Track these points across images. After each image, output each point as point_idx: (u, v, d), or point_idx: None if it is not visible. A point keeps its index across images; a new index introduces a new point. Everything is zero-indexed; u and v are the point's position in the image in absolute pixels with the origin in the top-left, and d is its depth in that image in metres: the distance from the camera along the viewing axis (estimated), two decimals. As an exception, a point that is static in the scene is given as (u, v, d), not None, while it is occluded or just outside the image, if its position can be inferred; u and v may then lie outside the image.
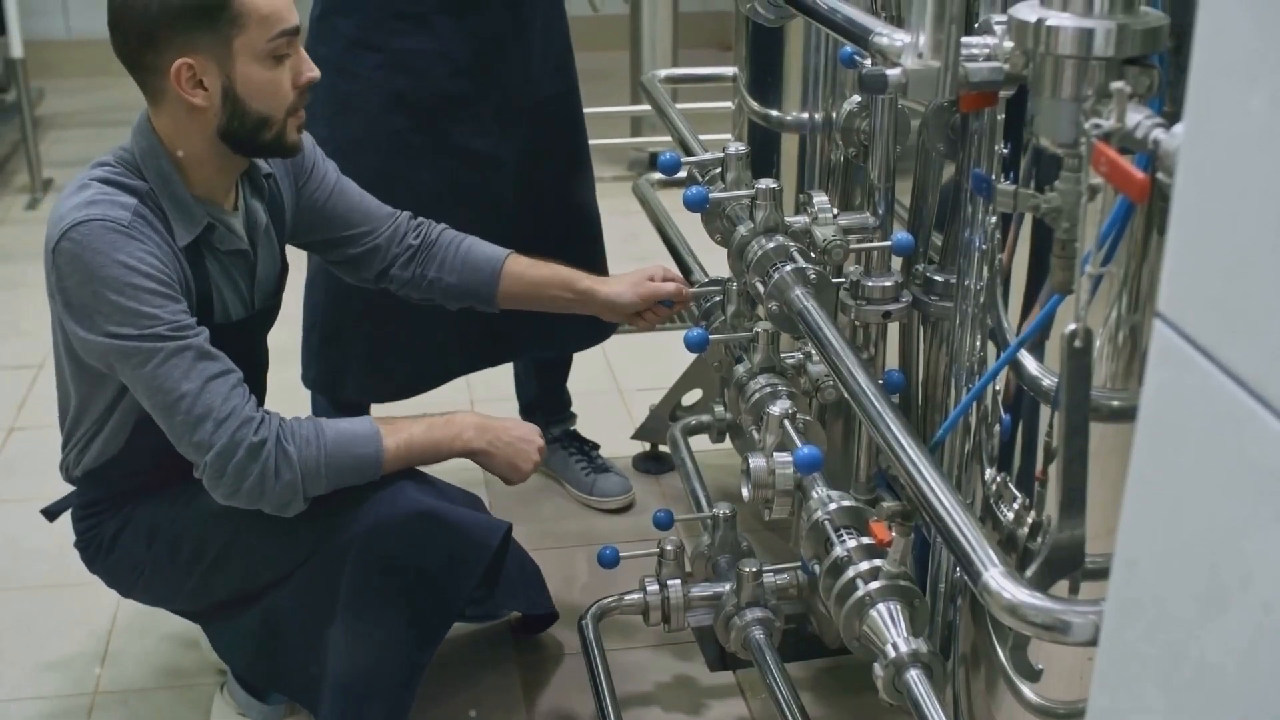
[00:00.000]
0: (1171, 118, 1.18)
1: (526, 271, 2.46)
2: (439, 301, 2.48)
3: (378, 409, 2.84)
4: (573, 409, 3.30)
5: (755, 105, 2.53)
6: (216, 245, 2.14)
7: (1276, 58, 0.84)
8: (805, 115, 2.43)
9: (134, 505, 2.23)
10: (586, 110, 2.98)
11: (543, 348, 3.08)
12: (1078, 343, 1.23)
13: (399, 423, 2.17)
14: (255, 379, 2.28)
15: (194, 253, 2.10)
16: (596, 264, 3.00)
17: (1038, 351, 1.58)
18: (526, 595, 2.57)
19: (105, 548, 2.25)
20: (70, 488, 2.32)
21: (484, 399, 3.55)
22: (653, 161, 5.15)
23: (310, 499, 2.07)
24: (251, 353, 2.25)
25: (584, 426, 3.31)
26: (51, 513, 2.38)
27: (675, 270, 2.52)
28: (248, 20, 2.00)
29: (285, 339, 2.56)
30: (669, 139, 2.91)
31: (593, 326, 2.73)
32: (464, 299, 2.48)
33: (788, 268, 2.02)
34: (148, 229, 2.02)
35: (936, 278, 2.13)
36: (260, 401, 2.16)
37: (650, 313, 2.46)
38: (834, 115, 2.32)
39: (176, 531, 2.20)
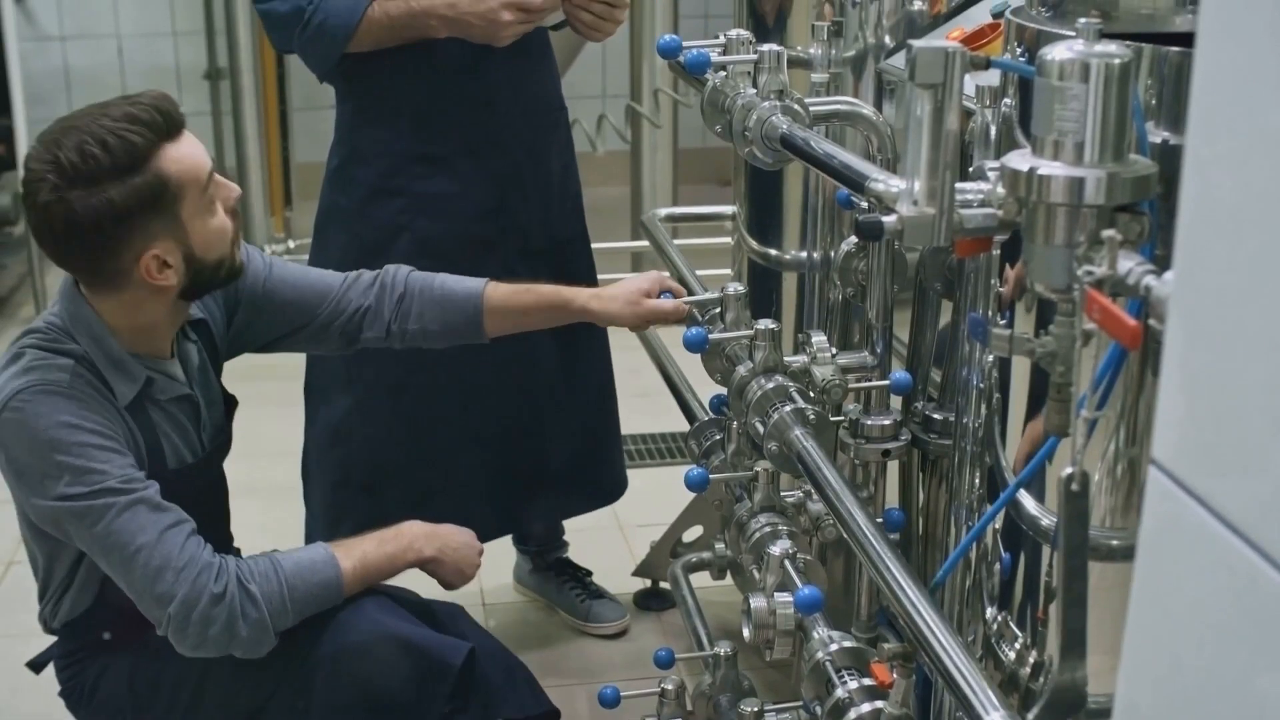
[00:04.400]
0: (1163, 261, 1.20)
1: (511, 299, 2.40)
2: (426, 346, 2.45)
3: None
4: (565, 537, 3.30)
5: (754, 244, 2.56)
6: (158, 396, 2.14)
7: (1261, 207, 0.86)
8: (804, 254, 2.47)
9: (112, 653, 2.22)
10: (594, 245, 3.02)
11: (561, 513, 3.11)
12: (1075, 486, 1.24)
13: (349, 543, 2.18)
14: (218, 512, 2.30)
15: (136, 407, 2.10)
16: (608, 414, 3.03)
17: (1037, 490, 1.59)
18: (518, 700, 2.53)
19: (87, 695, 2.24)
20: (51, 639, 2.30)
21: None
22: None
23: (279, 634, 2.06)
24: (210, 489, 2.27)
25: (585, 562, 3.31)
26: (37, 665, 2.37)
27: (671, 281, 2.44)
28: (184, 186, 2.02)
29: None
30: (669, 275, 2.95)
31: (608, 486, 2.74)
32: (451, 340, 2.44)
33: (787, 408, 2.04)
34: (87, 389, 2.03)
35: (935, 415, 2.14)
36: (228, 527, 2.17)
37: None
38: (832, 255, 2.35)
39: (154, 674, 2.18)
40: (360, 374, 2.80)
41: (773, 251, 2.52)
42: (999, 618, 1.68)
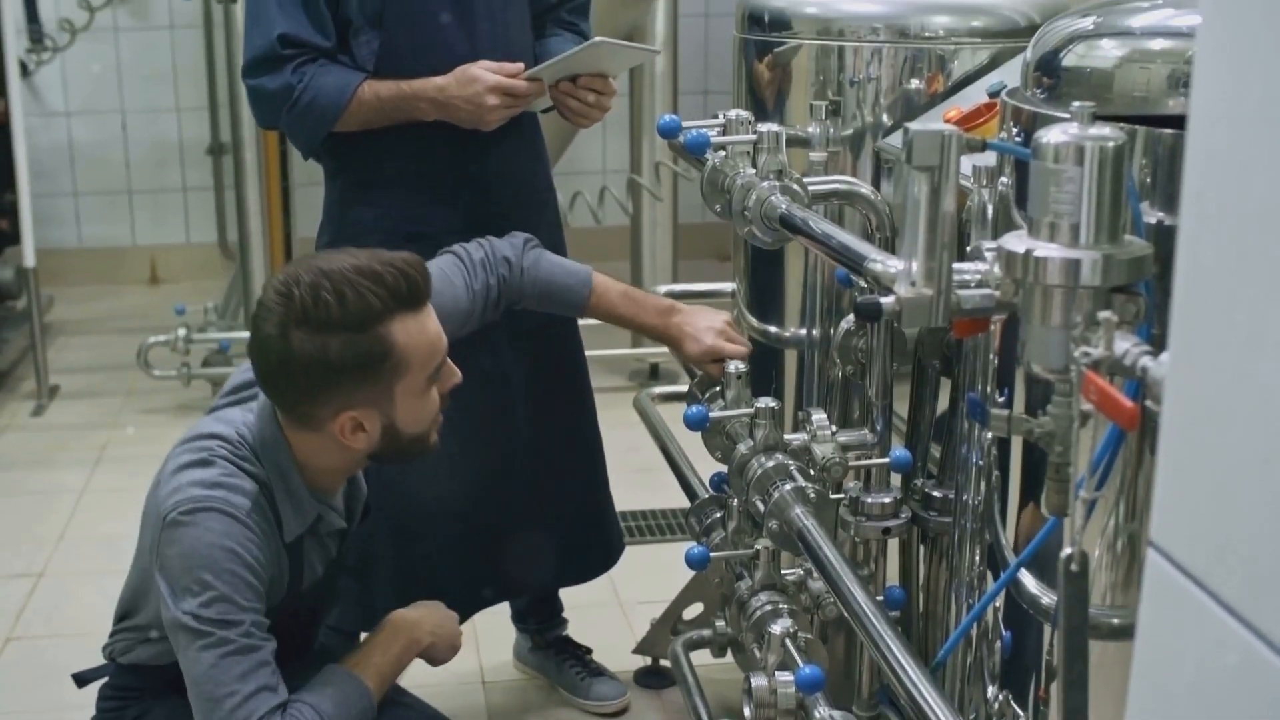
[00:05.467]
0: (1160, 341, 1.21)
1: (609, 311, 2.52)
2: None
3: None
4: (564, 614, 3.29)
5: (754, 321, 2.57)
6: (319, 530, 2.16)
7: (1254, 288, 0.86)
8: (804, 332, 2.48)
9: (156, 699, 2.20)
10: (588, 321, 3.03)
11: (555, 581, 3.11)
12: (1074, 566, 1.24)
13: (359, 658, 2.17)
14: (322, 611, 2.35)
15: (296, 540, 2.11)
16: (598, 483, 3.03)
17: (1037, 568, 1.59)
18: None
19: None
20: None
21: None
22: (653, 372, 5.21)
23: None
24: (326, 595, 2.30)
25: (585, 640, 3.29)
26: (82, 679, 2.34)
27: (738, 334, 2.50)
28: (410, 364, 2.00)
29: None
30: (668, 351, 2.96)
31: (602, 554, 2.73)
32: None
33: (787, 486, 2.04)
34: (262, 522, 2.01)
35: (935, 493, 2.15)
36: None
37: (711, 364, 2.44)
38: (832, 332, 2.36)
39: None
40: None
41: (772, 329, 2.53)
42: (1000, 697, 1.68)
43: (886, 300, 1.40)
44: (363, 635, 2.39)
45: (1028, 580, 1.60)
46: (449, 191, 2.75)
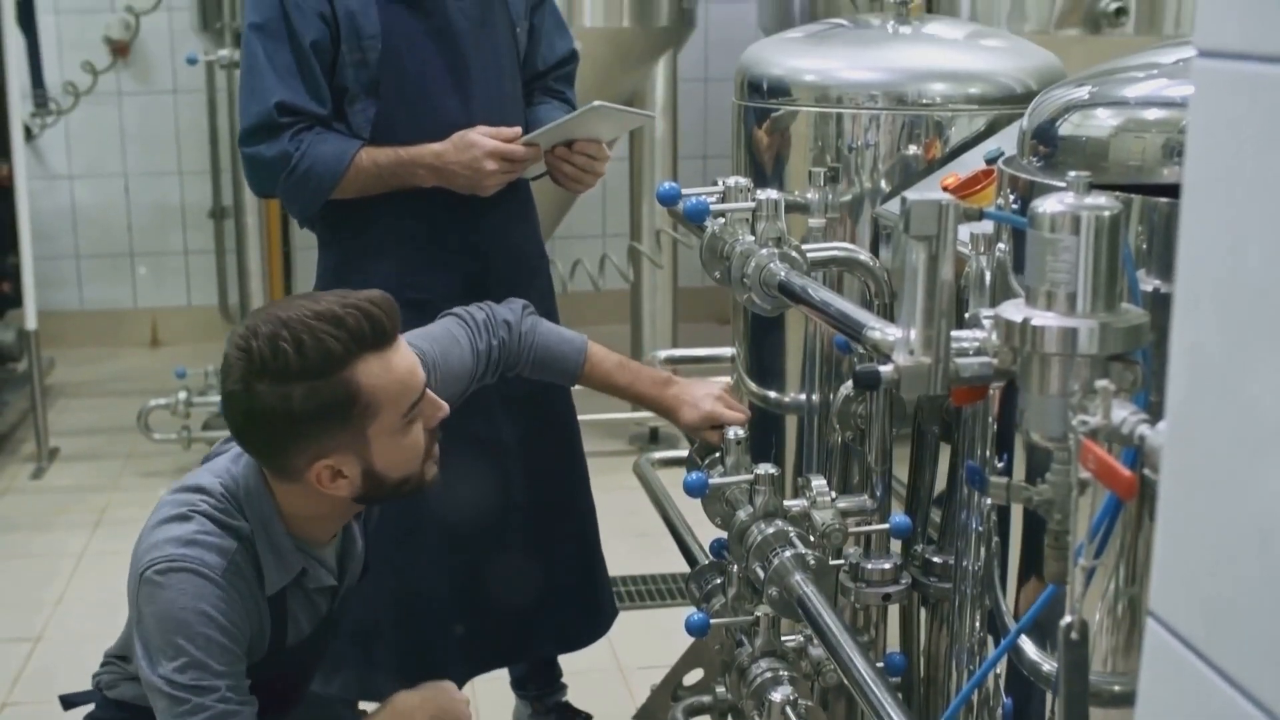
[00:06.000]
0: (1158, 408, 1.21)
1: (604, 380, 2.51)
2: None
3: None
4: (563, 679, 3.27)
5: (754, 386, 2.58)
6: (306, 585, 2.11)
7: (1249, 356, 0.87)
8: (803, 397, 2.48)
9: None
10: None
11: (548, 648, 3.09)
12: (1074, 635, 1.24)
13: None
14: (313, 668, 2.31)
15: (279, 593, 2.07)
16: (591, 550, 3.02)
17: (1037, 636, 1.58)
18: None
19: None
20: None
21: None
22: (653, 436, 5.20)
23: None
24: (317, 652, 2.26)
25: (585, 706, 3.27)
26: (69, 702, 2.33)
27: (736, 401, 2.51)
28: (380, 405, 1.95)
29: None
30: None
31: (594, 621, 2.72)
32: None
33: (787, 553, 2.04)
34: (239, 580, 1.98)
35: (935, 559, 2.14)
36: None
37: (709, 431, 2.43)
38: (831, 398, 2.36)
39: None
40: None
41: (772, 394, 2.53)
42: (1001, 765, 1.67)
43: (885, 369, 1.40)
44: (362, 704, 2.38)
45: (1028, 647, 1.59)
46: (445, 257, 2.76)
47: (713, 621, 2.30)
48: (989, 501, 1.70)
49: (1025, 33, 4.30)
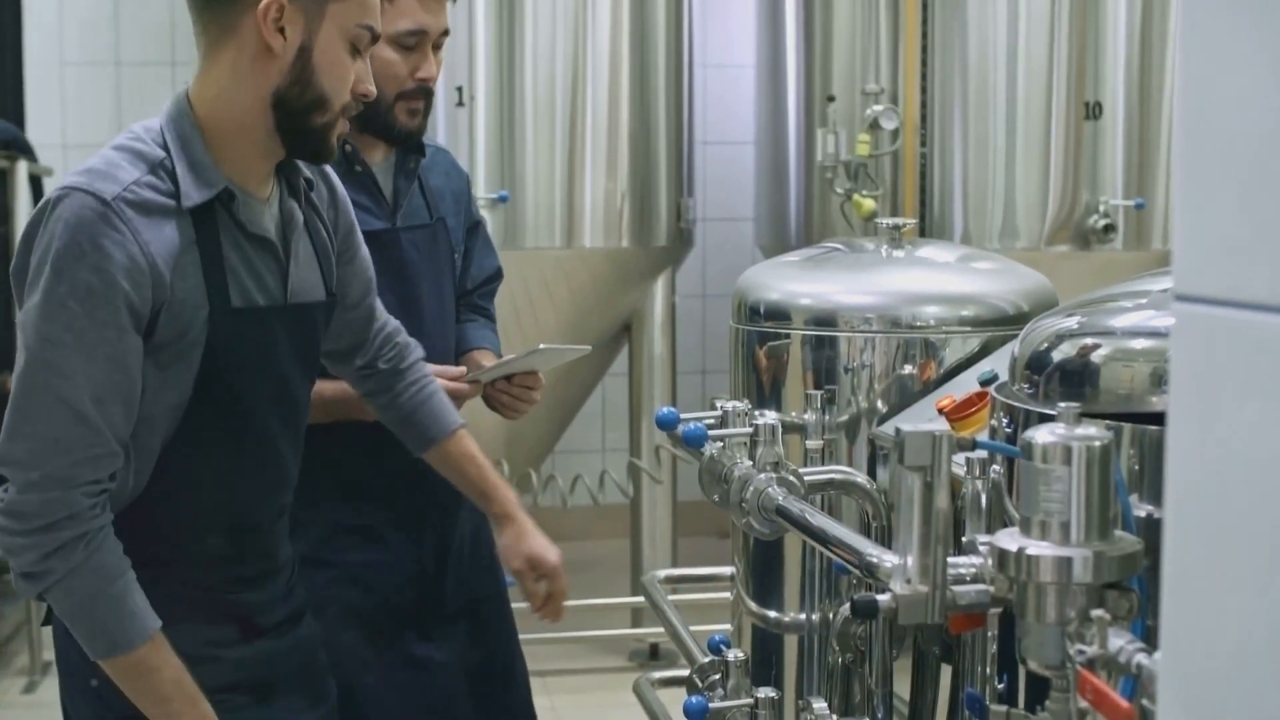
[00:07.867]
0: (1155, 632, 1.22)
1: (454, 465, 2.50)
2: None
3: None
4: None
5: (754, 605, 2.58)
6: (238, 216, 1.99)
7: (1240, 589, 0.88)
8: (803, 617, 2.48)
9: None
10: (588, 600, 3.02)
11: None
12: None
13: None
14: (295, 423, 2.18)
15: (206, 223, 1.95)
16: None
17: None
18: None
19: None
20: None
21: None
22: (653, 652, 5.15)
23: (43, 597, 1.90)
24: (284, 381, 2.10)
25: None
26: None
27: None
28: None
29: None
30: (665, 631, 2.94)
31: None
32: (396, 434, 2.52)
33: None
34: (131, 212, 1.87)
35: (938, 784, 2.12)
36: (298, 453, 2.17)
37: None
38: (831, 618, 2.36)
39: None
40: None
41: (772, 613, 2.53)
42: None
43: (883, 598, 1.42)
44: None
45: None
46: (391, 485, 2.71)
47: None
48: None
49: (1016, 249, 4.39)
